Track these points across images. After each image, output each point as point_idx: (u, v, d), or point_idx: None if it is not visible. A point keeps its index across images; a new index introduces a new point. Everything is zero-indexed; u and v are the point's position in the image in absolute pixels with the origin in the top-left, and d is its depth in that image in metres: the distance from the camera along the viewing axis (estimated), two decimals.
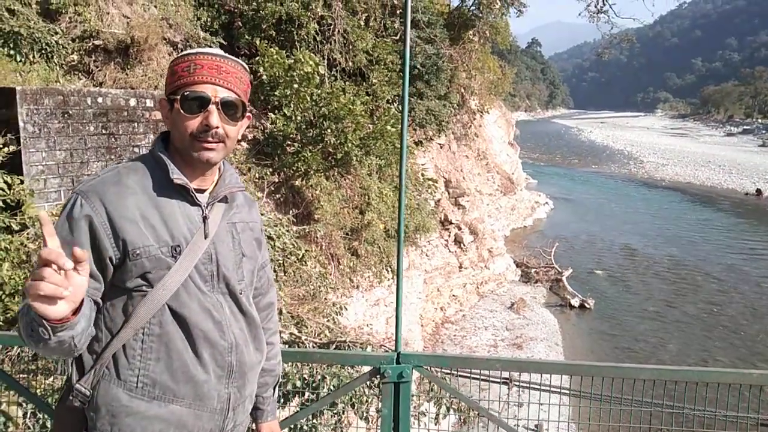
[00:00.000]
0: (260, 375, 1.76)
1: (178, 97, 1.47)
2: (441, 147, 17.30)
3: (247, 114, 1.59)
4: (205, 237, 1.51)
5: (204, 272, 1.51)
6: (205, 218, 1.52)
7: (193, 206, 1.52)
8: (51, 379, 3.26)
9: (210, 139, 1.48)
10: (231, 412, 1.57)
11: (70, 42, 7.13)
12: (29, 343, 1.32)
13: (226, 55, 1.53)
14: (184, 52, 1.52)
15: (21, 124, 5.23)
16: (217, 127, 1.48)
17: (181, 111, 1.47)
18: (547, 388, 3.02)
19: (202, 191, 1.56)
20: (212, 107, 1.47)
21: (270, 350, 1.82)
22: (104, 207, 1.42)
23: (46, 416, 2.95)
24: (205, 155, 1.49)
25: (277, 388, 1.91)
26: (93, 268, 1.43)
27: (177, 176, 1.49)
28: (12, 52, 6.33)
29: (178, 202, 1.50)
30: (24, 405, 3.11)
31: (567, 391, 3.06)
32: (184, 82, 1.47)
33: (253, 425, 1.88)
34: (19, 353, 3.33)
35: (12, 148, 4.87)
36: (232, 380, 1.56)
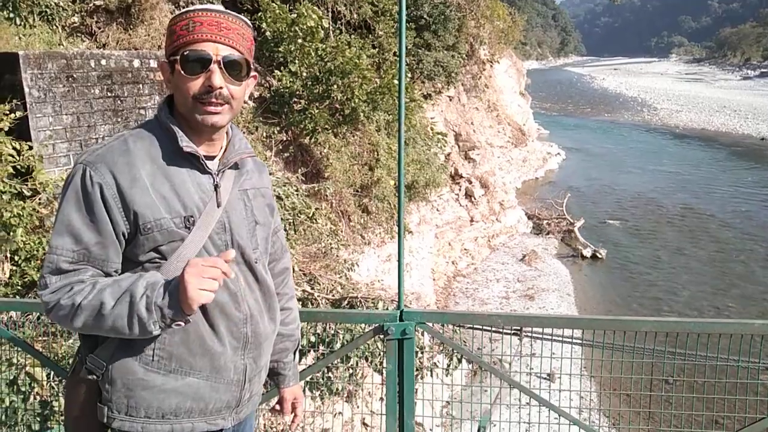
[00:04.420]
0: (279, 340, 1.75)
1: (178, 57, 1.39)
2: (450, 99, 17.06)
3: (253, 73, 1.51)
4: (218, 206, 1.47)
5: (218, 242, 1.47)
6: (216, 186, 1.47)
7: (204, 174, 1.47)
8: (71, 340, 3.35)
9: (214, 100, 1.40)
10: (247, 383, 1.57)
11: (70, 3, 7.02)
12: (124, 327, 1.34)
13: (227, 10, 1.45)
14: (182, 10, 1.44)
15: (26, 89, 5.20)
16: (221, 88, 1.40)
17: (182, 72, 1.39)
18: (559, 338, 3.06)
19: (210, 158, 1.50)
20: (214, 66, 1.39)
21: (288, 315, 1.80)
22: (114, 178, 1.37)
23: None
24: (210, 119, 1.42)
25: (297, 352, 1.88)
26: (115, 243, 1.40)
27: (186, 144, 1.43)
28: (11, 15, 6.24)
29: (188, 171, 1.45)
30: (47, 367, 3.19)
31: (579, 342, 3.09)
32: (184, 41, 1.39)
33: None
34: (38, 317, 3.40)
35: (19, 113, 4.86)
36: (247, 351, 1.54)
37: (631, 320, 2.53)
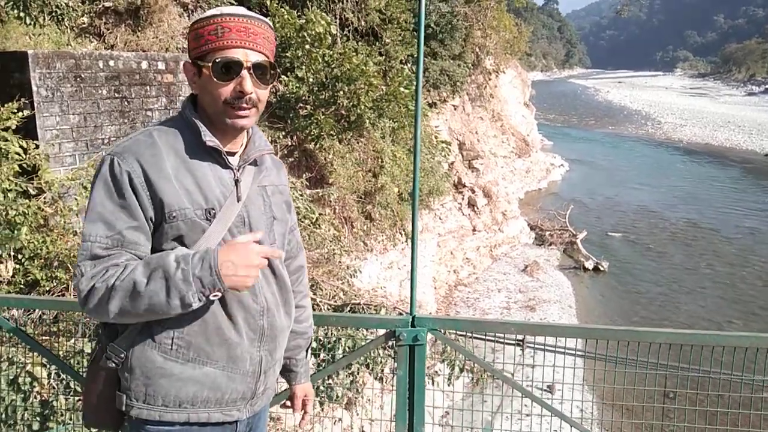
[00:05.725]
0: (292, 338, 1.77)
1: (210, 63, 1.43)
2: (455, 108, 17.08)
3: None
4: (238, 200, 1.51)
5: (237, 236, 1.51)
6: (237, 181, 1.51)
7: (225, 169, 1.51)
8: (72, 341, 3.33)
9: (244, 105, 1.46)
10: (262, 375, 1.59)
11: (80, 4, 7.06)
12: (162, 304, 1.35)
13: (252, 14, 1.48)
14: (208, 13, 1.47)
15: (34, 88, 5.21)
16: (251, 93, 1.45)
17: (214, 78, 1.44)
18: (561, 350, 3.04)
19: (232, 154, 1.55)
20: (245, 72, 1.44)
21: (301, 313, 1.82)
22: (141, 168, 1.41)
23: (69, 377, 3.02)
24: (240, 123, 1.48)
25: (309, 350, 1.91)
26: (146, 228, 1.43)
27: (209, 138, 1.47)
28: (22, 14, 6.28)
29: (210, 165, 1.49)
30: (48, 366, 3.19)
31: (580, 353, 3.07)
32: (214, 47, 1.43)
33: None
34: (41, 316, 3.39)
35: (26, 112, 4.87)
36: (263, 343, 1.57)
37: (646, 331, 2.51)
